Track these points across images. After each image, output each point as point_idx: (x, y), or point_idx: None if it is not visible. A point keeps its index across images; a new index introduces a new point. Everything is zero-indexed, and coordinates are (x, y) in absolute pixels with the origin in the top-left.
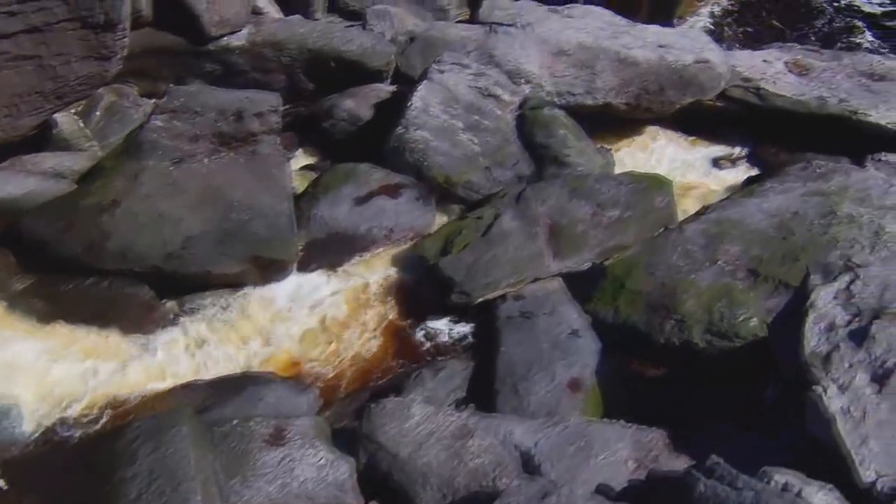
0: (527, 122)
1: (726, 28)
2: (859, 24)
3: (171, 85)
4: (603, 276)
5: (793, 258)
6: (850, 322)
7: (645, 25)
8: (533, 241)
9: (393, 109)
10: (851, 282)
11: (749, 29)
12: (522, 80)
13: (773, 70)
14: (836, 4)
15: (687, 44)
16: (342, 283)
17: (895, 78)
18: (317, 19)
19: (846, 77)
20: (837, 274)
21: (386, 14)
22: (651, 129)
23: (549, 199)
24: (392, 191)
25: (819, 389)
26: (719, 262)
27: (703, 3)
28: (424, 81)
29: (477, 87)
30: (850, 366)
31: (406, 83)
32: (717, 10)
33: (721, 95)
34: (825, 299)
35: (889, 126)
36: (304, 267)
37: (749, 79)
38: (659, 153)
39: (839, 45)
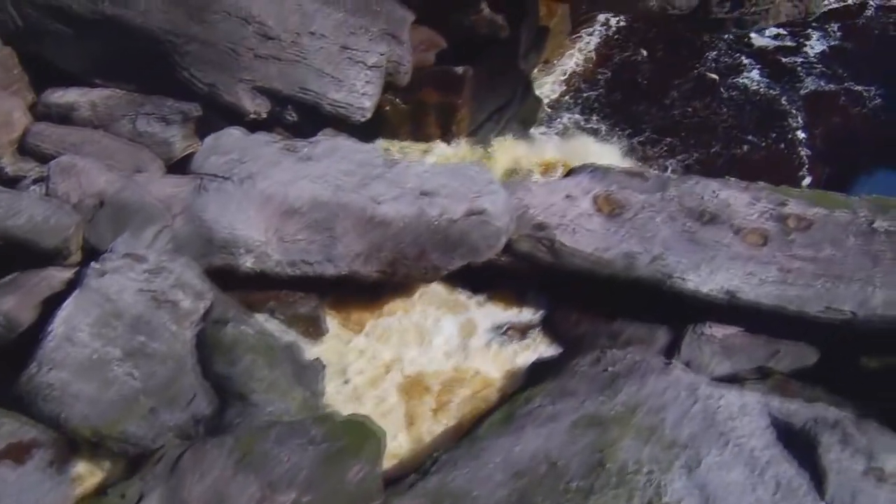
0: (207, 344)
1: (593, 77)
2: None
3: None
4: None
5: None
6: None
7: (408, 164)
8: None
9: None
10: None
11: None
12: (242, 250)
13: (575, 211)
14: (727, 37)
15: (459, 187)
16: None
17: (728, 219)
18: (2, 167)
19: (668, 219)
20: None
21: (72, 169)
22: (421, 290)
23: (210, 471)
24: (21, 453)
25: None
26: None
27: (571, 46)
28: (76, 292)
29: (150, 291)
30: None
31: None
32: (586, 51)
33: (507, 248)
34: None
35: (711, 295)
36: None
37: (543, 225)
38: (421, 329)
39: (722, 89)
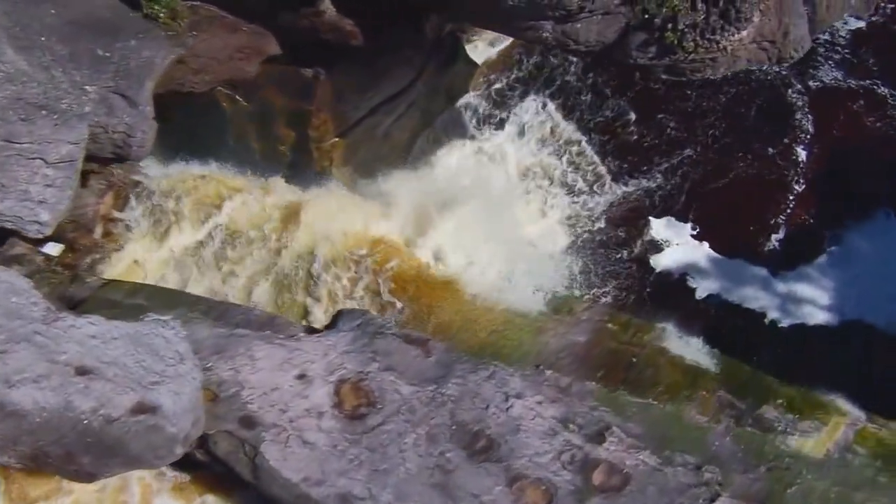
0: None
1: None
2: None
3: None
4: None
5: None
6: None
7: (74, 321)
8: None
9: None
10: None
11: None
12: None
13: (303, 404)
14: None
15: (134, 365)
16: None
17: (509, 455)
18: None
19: (424, 441)
20: None
21: None
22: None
23: None
24: None
25: None
26: None
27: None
28: None
29: None
30: None
31: None
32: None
33: (204, 443)
34: None
35: None
36: None
37: (252, 421)
38: None
39: None
